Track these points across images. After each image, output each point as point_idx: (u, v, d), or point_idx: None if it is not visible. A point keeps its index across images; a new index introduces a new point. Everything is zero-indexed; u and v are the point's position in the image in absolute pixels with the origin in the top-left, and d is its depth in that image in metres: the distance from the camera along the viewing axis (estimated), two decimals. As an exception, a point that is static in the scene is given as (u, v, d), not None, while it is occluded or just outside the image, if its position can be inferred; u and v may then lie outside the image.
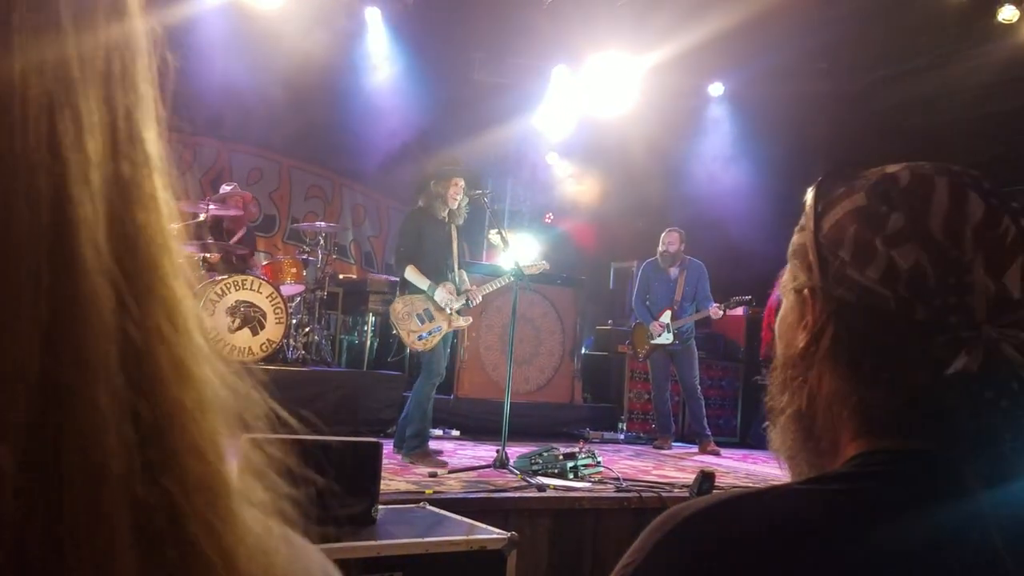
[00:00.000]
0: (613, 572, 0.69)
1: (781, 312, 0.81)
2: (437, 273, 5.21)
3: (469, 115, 8.93)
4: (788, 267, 0.81)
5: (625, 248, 9.78)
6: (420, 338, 5.10)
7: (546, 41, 8.65)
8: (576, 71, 9.30)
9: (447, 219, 5.28)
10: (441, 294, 5.13)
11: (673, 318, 7.02)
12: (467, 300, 5.32)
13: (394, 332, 5.36)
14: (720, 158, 9.80)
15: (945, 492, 0.67)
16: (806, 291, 0.76)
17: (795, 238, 0.80)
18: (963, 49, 7.83)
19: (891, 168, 0.76)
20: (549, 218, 10.74)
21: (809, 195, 0.79)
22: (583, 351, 8.25)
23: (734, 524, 0.68)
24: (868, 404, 0.72)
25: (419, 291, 5.16)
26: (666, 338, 7.04)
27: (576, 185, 10.02)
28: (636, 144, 9.35)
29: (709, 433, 7.04)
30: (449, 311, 5.17)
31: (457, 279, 5.32)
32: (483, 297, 5.53)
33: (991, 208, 0.70)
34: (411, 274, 5.15)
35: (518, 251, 5.77)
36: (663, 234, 7.22)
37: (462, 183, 5.29)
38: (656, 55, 8.34)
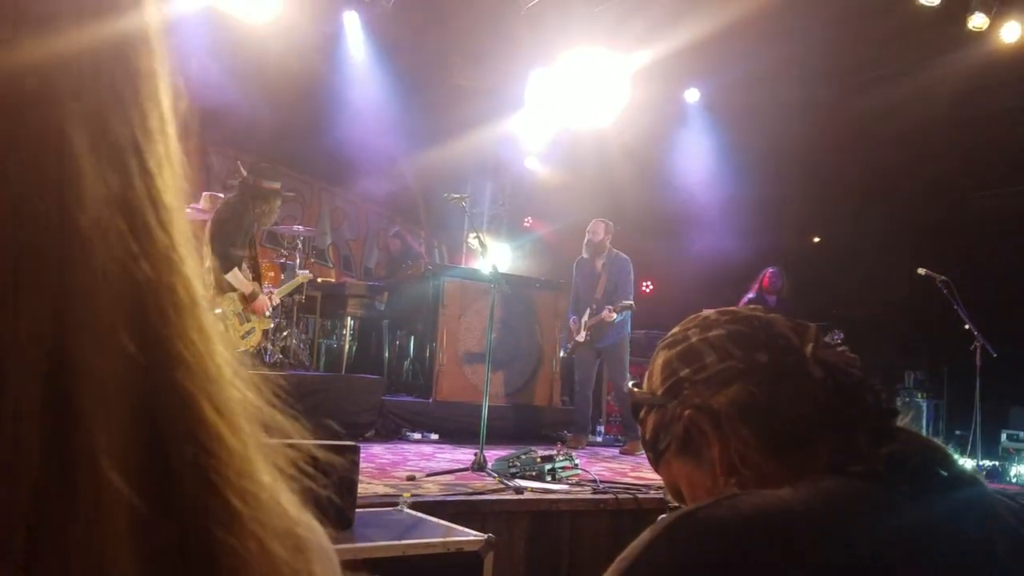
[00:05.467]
0: (613, 564, 0.71)
1: (686, 488, 0.91)
2: (254, 276, 5.51)
3: (448, 119, 8.93)
4: (670, 463, 0.93)
5: (603, 252, 9.82)
6: (243, 337, 5.35)
7: (525, 46, 8.67)
8: (554, 76, 9.33)
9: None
10: (263, 300, 5.47)
11: (591, 315, 6.82)
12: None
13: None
14: (696, 163, 9.88)
15: (886, 506, 0.74)
16: (693, 429, 0.87)
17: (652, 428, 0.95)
18: (935, 56, 7.95)
19: None
20: (528, 222, 10.77)
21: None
22: (561, 354, 8.26)
23: (727, 518, 0.71)
24: (772, 434, 0.84)
25: (231, 290, 5.31)
26: (582, 336, 6.87)
27: (555, 189, 10.05)
28: (614, 149, 9.41)
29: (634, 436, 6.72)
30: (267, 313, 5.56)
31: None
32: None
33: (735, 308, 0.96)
34: (235, 277, 5.28)
35: (496, 255, 5.84)
36: (589, 224, 6.97)
37: None
38: (633, 61, 8.39)
